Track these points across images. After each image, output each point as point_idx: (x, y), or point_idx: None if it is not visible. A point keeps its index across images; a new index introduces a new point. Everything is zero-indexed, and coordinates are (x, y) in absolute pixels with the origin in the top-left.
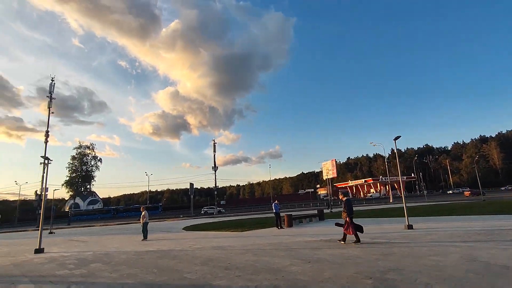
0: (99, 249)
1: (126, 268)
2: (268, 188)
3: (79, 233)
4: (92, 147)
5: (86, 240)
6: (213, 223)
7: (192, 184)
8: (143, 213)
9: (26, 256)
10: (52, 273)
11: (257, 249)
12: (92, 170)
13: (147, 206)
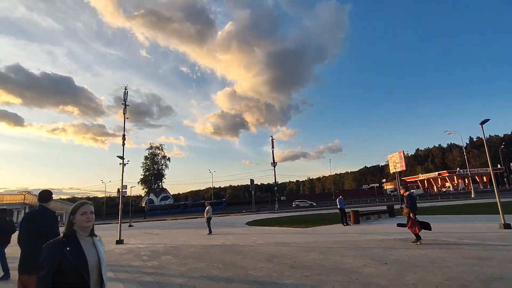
0: (170, 242)
1: (193, 261)
2: (328, 183)
3: (153, 226)
4: (161, 147)
5: (159, 233)
6: (275, 218)
7: (252, 180)
8: (207, 208)
9: (109, 246)
10: (128, 263)
11: (323, 246)
12: (162, 169)
13: (211, 202)
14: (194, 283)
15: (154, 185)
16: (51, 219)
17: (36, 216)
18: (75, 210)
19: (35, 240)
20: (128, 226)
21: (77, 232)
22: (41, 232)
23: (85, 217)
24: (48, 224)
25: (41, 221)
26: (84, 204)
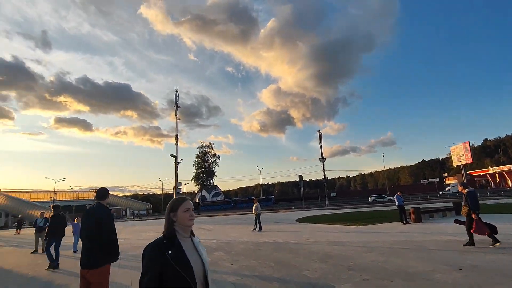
0: (222, 237)
1: (245, 259)
2: (382, 178)
3: (206, 221)
4: (211, 146)
5: (211, 229)
6: (326, 215)
7: (301, 176)
8: (255, 205)
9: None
10: None
11: (382, 247)
12: (212, 166)
13: (260, 198)
14: (246, 282)
15: (205, 182)
16: (106, 215)
17: (92, 212)
18: (176, 207)
19: (91, 235)
20: None
21: (177, 232)
22: (97, 228)
23: (188, 214)
24: (104, 220)
25: (97, 217)
26: (186, 200)
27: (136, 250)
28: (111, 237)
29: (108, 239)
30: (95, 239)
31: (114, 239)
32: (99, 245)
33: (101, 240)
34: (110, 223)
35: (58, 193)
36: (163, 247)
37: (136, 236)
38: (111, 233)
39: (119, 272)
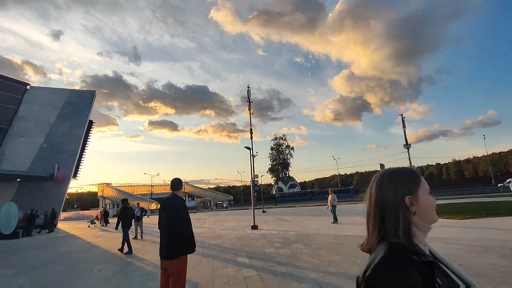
0: (300, 229)
1: (327, 253)
2: (483, 165)
3: (283, 212)
4: (284, 138)
5: (289, 220)
6: None
7: (382, 165)
8: (330, 196)
9: (246, 231)
10: (262, 250)
11: (502, 247)
12: (287, 158)
13: (338, 189)
14: (331, 280)
15: (281, 174)
16: (180, 206)
17: (168, 203)
18: (416, 184)
19: (168, 226)
20: (262, 212)
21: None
22: (172, 219)
23: (432, 199)
24: (178, 211)
25: (172, 208)
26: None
27: (218, 239)
28: (186, 228)
29: (183, 230)
30: (171, 230)
31: (189, 230)
32: (175, 236)
33: (177, 231)
34: (184, 213)
35: (154, 186)
36: (424, 270)
37: (219, 225)
38: (186, 224)
39: (202, 261)
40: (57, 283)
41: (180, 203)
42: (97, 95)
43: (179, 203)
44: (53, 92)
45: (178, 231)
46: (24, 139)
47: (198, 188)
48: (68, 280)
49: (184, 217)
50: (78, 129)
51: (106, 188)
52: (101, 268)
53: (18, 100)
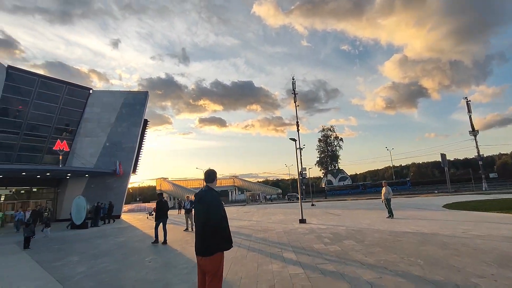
0: (352, 224)
1: (382, 251)
2: None
3: (333, 206)
4: (332, 129)
5: (340, 214)
6: (487, 201)
7: (444, 155)
8: (384, 189)
9: (293, 225)
10: (310, 246)
11: None
12: (336, 150)
13: (392, 181)
14: (388, 282)
15: (330, 166)
16: (214, 199)
17: (201, 196)
18: None
19: (201, 221)
20: (311, 205)
21: None
22: (206, 214)
23: None
24: (212, 205)
25: (205, 202)
26: None
27: (265, 233)
28: (220, 223)
29: (217, 226)
30: (205, 225)
31: (224, 226)
32: (210, 232)
33: (211, 226)
34: (219, 208)
35: None
36: None
37: (267, 218)
38: (220, 218)
39: (247, 255)
40: (111, 272)
41: (214, 197)
42: (153, 97)
43: (214, 196)
44: (112, 94)
45: (212, 226)
46: (90, 139)
47: (247, 181)
48: (121, 270)
49: (219, 211)
50: (135, 127)
51: (163, 182)
52: (151, 260)
53: (83, 103)
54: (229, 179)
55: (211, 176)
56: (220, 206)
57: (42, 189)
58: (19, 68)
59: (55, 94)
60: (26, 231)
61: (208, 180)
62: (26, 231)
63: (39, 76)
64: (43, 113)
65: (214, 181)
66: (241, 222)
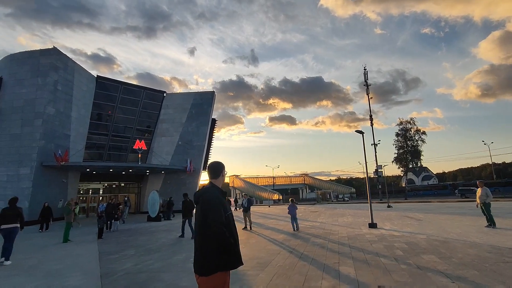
0: (435, 232)
1: (479, 277)
2: None
3: (414, 208)
4: (413, 121)
5: (421, 218)
6: None
7: None
8: (479, 190)
9: (361, 229)
10: (375, 258)
11: None
12: (418, 145)
13: (492, 181)
14: None
15: (411, 164)
16: (214, 200)
17: (199, 195)
18: None
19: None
20: (387, 206)
21: None
22: (203, 219)
23: None
24: (209, 207)
25: (202, 204)
26: None
27: (326, 238)
28: (220, 232)
29: (216, 234)
30: (202, 234)
31: (224, 237)
32: (206, 242)
33: (208, 235)
34: (217, 211)
35: (276, 178)
36: None
37: (333, 220)
38: (219, 226)
39: (297, 265)
40: (151, 272)
41: (214, 195)
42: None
43: (214, 195)
44: (182, 96)
45: (210, 235)
46: (165, 138)
47: (318, 179)
48: (161, 270)
49: (219, 215)
50: (203, 127)
51: (235, 179)
52: None
53: (159, 106)
54: (299, 177)
55: (215, 171)
56: (221, 208)
57: (129, 184)
58: (105, 77)
59: (135, 99)
60: (99, 223)
61: (212, 176)
62: (99, 222)
63: (121, 83)
64: (126, 116)
65: (219, 177)
66: (304, 223)
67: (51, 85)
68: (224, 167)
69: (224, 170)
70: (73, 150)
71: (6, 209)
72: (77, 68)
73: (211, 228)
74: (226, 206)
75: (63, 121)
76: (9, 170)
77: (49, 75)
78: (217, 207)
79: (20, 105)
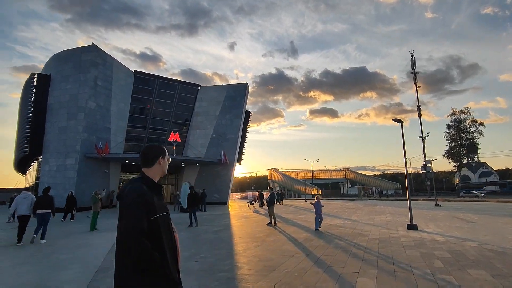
0: (490, 239)
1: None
2: None
3: (466, 208)
4: (467, 111)
5: (473, 221)
6: None
7: None
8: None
9: (398, 231)
10: (405, 272)
11: None
12: (474, 137)
13: None
14: None
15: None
16: (131, 200)
17: (120, 194)
18: None
19: (117, 234)
20: (434, 205)
21: None
22: (121, 224)
23: None
24: (124, 210)
25: (121, 204)
26: None
27: (353, 239)
28: (136, 244)
29: (129, 248)
30: (118, 245)
31: (142, 250)
32: (120, 255)
33: (121, 245)
34: (134, 214)
35: (315, 172)
36: None
37: (368, 218)
38: (135, 235)
39: (309, 272)
40: None
41: (134, 194)
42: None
43: (134, 193)
44: (216, 89)
45: (122, 245)
46: (200, 131)
47: (360, 174)
48: None
49: (134, 221)
50: (236, 119)
51: (274, 172)
52: (198, 259)
53: (193, 99)
54: (340, 172)
55: (147, 157)
56: (143, 209)
57: (167, 176)
58: (142, 72)
59: (171, 92)
60: None
61: (143, 163)
62: None
63: (158, 77)
64: (163, 110)
65: (154, 165)
66: (334, 220)
67: (92, 81)
68: (164, 152)
69: (163, 156)
70: (113, 142)
71: (40, 197)
72: (116, 63)
73: (123, 237)
74: (153, 206)
75: (104, 115)
76: (57, 160)
77: (89, 71)
78: (135, 209)
79: (65, 100)
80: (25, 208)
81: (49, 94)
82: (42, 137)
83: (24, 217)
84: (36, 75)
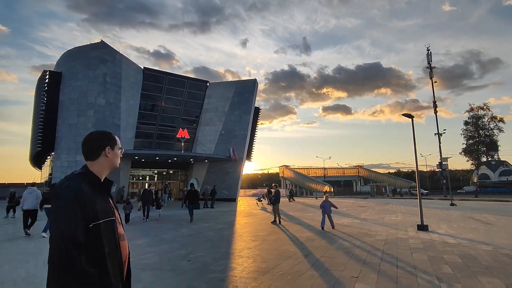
0: (507, 242)
1: None
2: None
3: (483, 208)
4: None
5: (490, 222)
6: None
7: None
8: None
9: (407, 232)
10: (409, 277)
11: None
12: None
13: None
14: None
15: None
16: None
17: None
18: None
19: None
20: (450, 204)
21: None
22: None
23: None
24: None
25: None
26: None
27: (357, 240)
28: (65, 256)
29: (56, 259)
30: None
31: (72, 264)
32: (48, 265)
33: (49, 254)
34: (65, 218)
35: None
36: None
37: (378, 217)
38: (65, 245)
39: (304, 275)
40: (137, 268)
41: (68, 193)
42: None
43: (67, 191)
44: (225, 85)
45: (49, 254)
46: (209, 127)
47: (374, 172)
48: (153, 266)
49: (64, 227)
50: (245, 115)
51: (286, 169)
52: (192, 258)
53: (202, 95)
54: (353, 169)
55: (88, 148)
56: (77, 211)
57: (176, 171)
58: (151, 69)
59: (179, 89)
60: (126, 208)
61: (85, 155)
62: (127, 208)
63: (167, 74)
64: (172, 106)
65: (98, 158)
66: (342, 219)
67: (101, 77)
68: (111, 140)
69: (110, 146)
70: (123, 138)
71: (47, 192)
72: (125, 60)
73: (51, 246)
74: (93, 210)
75: (113, 111)
76: (68, 156)
77: (98, 68)
78: (66, 212)
79: (75, 97)
80: (30, 203)
81: (60, 91)
82: (54, 134)
83: (29, 211)
84: (48, 73)
